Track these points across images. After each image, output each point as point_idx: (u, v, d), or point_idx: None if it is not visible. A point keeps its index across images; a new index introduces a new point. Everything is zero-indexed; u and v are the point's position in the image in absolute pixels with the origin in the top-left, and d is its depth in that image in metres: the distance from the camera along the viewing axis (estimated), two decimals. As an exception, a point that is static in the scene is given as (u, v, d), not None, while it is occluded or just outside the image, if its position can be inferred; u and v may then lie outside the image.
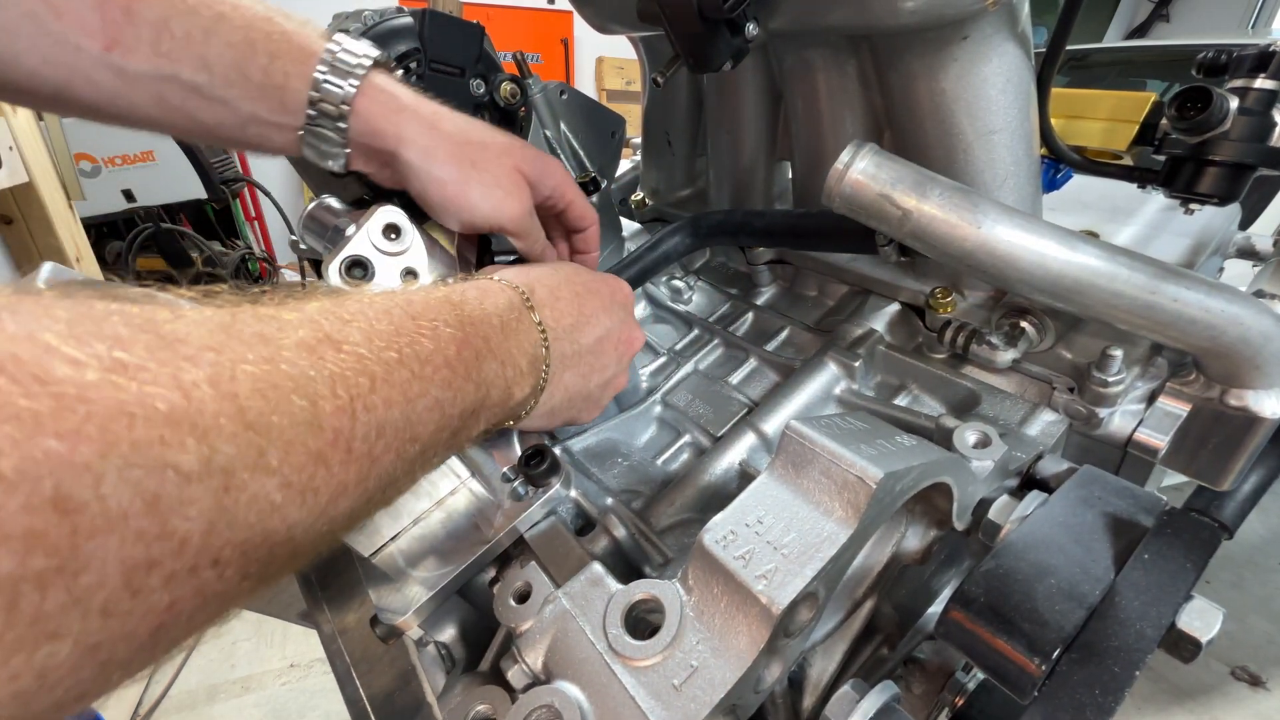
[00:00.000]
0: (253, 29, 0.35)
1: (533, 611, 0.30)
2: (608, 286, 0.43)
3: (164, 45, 0.33)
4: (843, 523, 0.24)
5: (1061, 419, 0.44)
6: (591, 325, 0.40)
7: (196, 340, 0.18)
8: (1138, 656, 0.25)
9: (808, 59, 0.50)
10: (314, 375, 0.21)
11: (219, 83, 0.35)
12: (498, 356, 0.31)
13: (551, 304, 0.37)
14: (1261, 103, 0.41)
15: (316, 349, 0.22)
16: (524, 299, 0.35)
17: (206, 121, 0.36)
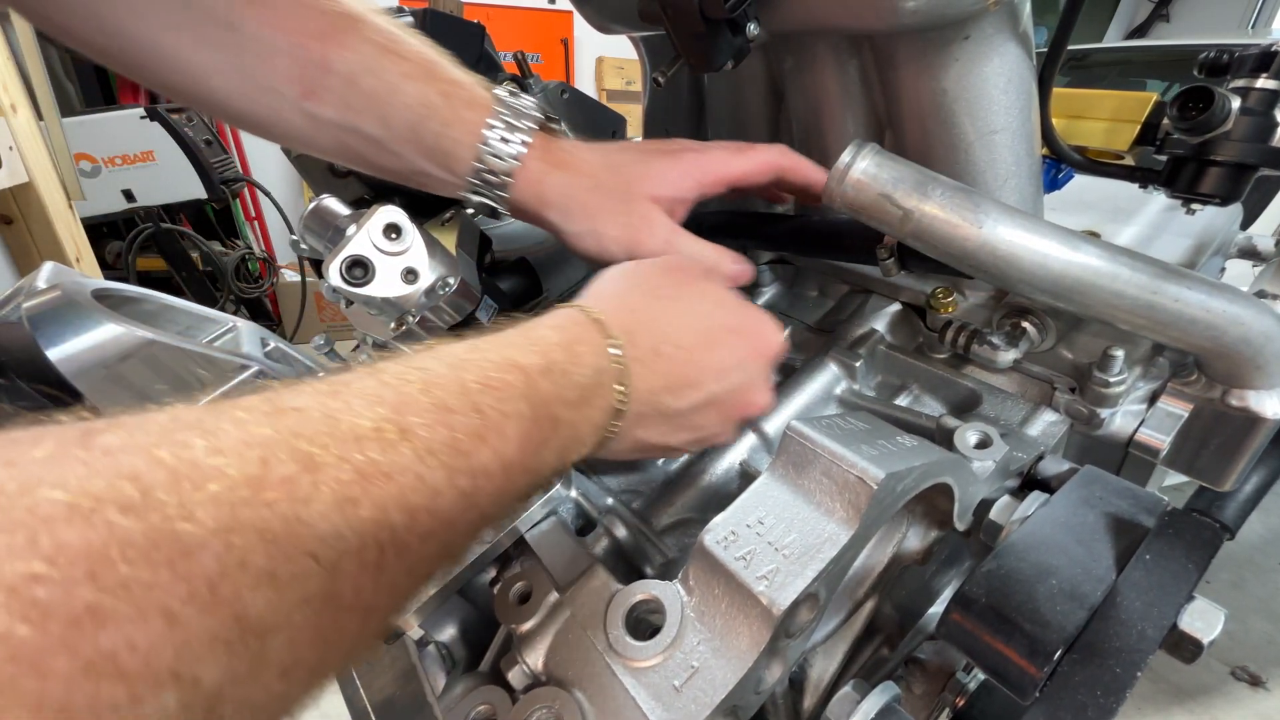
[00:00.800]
0: (430, 95, 0.38)
1: (533, 612, 0.30)
2: (750, 338, 0.36)
3: (351, 99, 0.37)
4: (844, 523, 0.24)
5: (1063, 419, 0.44)
6: (699, 388, 0.34)
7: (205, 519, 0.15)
8: (1139, 657, 0.25)
9: (809, 59, 0.50)
10: (346, 534, 0.17)
11: (395, 139, 0.38)
12: (562, 436, 0.27)
13: (651, 361, 0.32)
14: (1263, 103, 0.41)
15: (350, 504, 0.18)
16: (616, 363, 0.30)
17: (381, 165, 0.41)
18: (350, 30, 0.36)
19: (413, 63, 0.38)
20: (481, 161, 0.39)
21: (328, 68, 0.36)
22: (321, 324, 2.70)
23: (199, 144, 2.16)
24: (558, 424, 0.26)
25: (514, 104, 0.40)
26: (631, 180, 0.41)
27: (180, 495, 0.14)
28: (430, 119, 0.38)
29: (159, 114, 2.08)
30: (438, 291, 0.44)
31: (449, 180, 0.41)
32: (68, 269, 0.41)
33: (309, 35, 0.35)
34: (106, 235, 2.35)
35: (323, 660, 0.17)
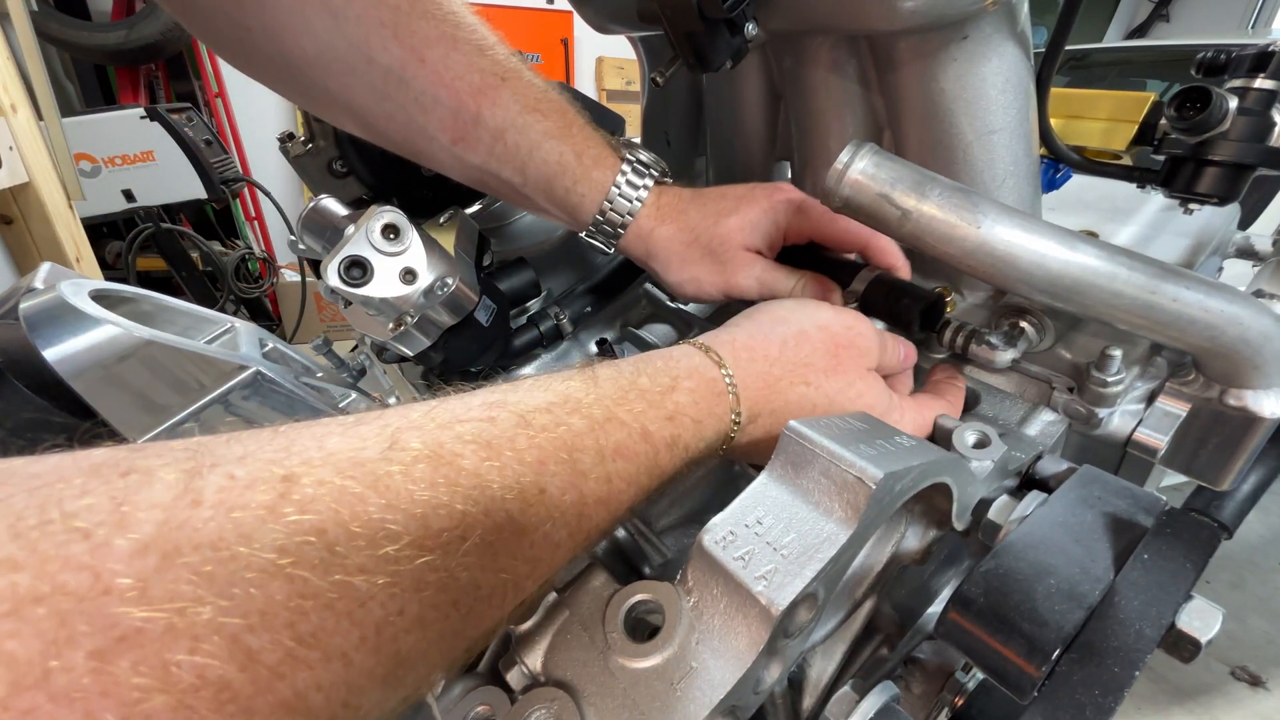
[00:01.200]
0: (565, 153, 0.42)
1: (531, 612, 0.30)
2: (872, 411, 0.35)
3: (495, 150, 0.42)
4: (842, 523, 0.24)
5: (1061, 419, 0.44)
6: None
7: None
8: (1137, 657, 0.25)
9: (807, 59, 0.50)
10: (483, 584, 0.19)
11: (529, 187, 0.44)
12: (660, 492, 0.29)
13: (762, 434, 0.33)
14: (1261, 102, 0.41)
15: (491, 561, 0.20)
16: (732, 433, 0.32)
17: (511, 200, 0.47)
18: (501, 88, 0.40)
19: (552, 121, 0.42)
20: (602, 215, 0.44)
21: (478, 121, 0.41)
22: (321, 324, 2.70)
23: (199, 144, 2.16)
24: (660, 487, 0.29)
25: (636, 164, 0.45)
26: (728, 232, 0.43)
27: (357, 553, 0.16)
28: (562, 175, 0.43)
29: (159, 114, 2.08)
30: (436, 292, 0.44)
31: (571, 225, 0.46)
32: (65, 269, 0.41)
33: (465, 91, 0.40)
34: (106, 235, 2.35)
35: (438, 676, 0.20)
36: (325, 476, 0.17)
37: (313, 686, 0.14)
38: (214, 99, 2.89)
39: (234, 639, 0.13)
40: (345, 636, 0.15)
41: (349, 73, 0.39)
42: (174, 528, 0.14)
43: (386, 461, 0.18)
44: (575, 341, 0.64)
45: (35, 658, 0.11)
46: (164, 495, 0.14)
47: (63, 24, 2.34)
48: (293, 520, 0.15)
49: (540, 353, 0.62)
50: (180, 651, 0.13)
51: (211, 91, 2.88)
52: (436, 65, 0.39)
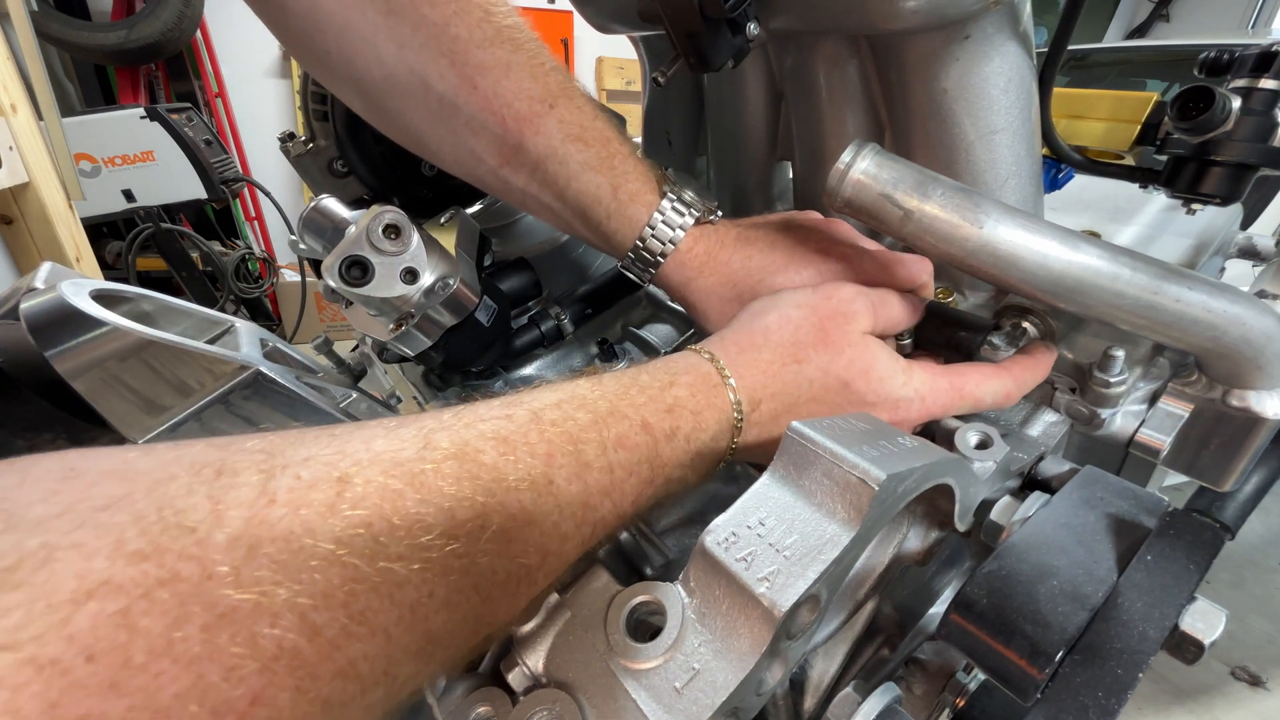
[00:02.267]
0: (603, 187, 0.43)
1: (533, 613, 0.30)
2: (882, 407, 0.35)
3: (537, 176, 0.43)
4: (845, 525, 0.24)
5: (1063, 419, 0.44)
6: None
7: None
8: (1141, 658, 0.25)
9: (809, 58, 0.50)
10: (500, 571, 0.22)
11: (568, 212, 0.45)
12: (667, 488, 0.30)
13: (767, 425, 0.34)
14: (1264, 103, 0.41)
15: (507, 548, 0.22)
16: (735, 426, 0.33)
17: (554, 224, 0.48)
18: (547, 116, 0.41)
19: (593, 151, 0.43)
20: (634, 253, 0.44)
21: (521, 147, 0.42)
22: (321, 324, 2.70)
23: (199, 144, 2.16)
24: (668, 482, 0.30)
25: (676, 204, 0.44)
26: (769, 286, 0.42)
27: (398, 543, 0.19)
28: (598, 207, 0.44)
29: (159, 114, 2.08)
30: (437, 292, 0.44)
31: (609, 251, 0.47)
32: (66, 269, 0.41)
33: (511, 118, 0.41)
34: (106, 235, 2.35)
35: (463, 656, 0.23)
36: (372, 476, 0.19)
37: (361, 656, 0.17)
38: (214, 99, 2.89)
39: (303, 616, 0.16)
40: (387, 614, 0.18)
41: (408, 96, 0.41)
42: (256, 524, 0.17)
43: (421, 460, 0.21)
44: (576, 342, 0.64)
45: (163, 630, 0.14)
46: (248, 495, 0.17)
47: (63, 24, 2.34)
48: (347, 515, 0.18)
49: (541, 353, 0.62)
50: (264, 625, 0.15)
51: (211, 91, 2.88)
52: (487, 92, 0.40)
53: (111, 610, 0.14)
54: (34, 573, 0.14)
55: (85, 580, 0.14)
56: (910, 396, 0.36)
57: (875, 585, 0.35)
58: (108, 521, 0.15)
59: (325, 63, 0.41)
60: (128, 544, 0.15)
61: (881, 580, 0.35)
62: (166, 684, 0.14)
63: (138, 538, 0.15)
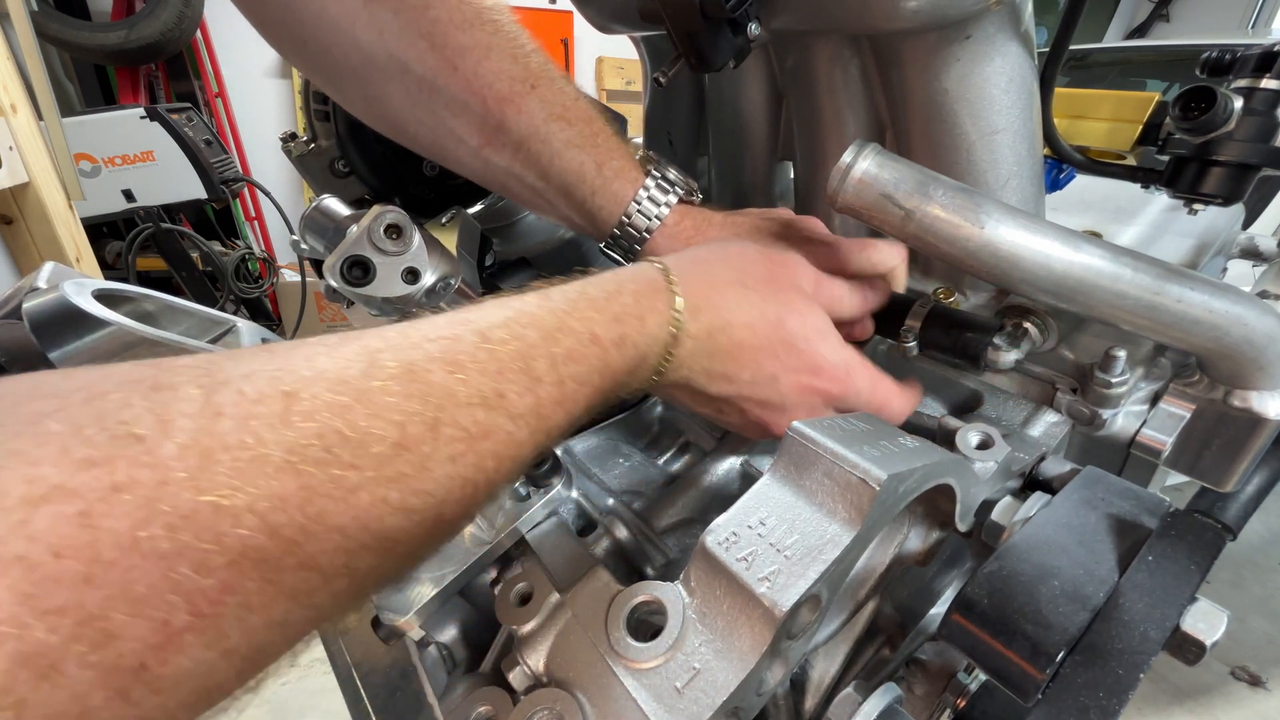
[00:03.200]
0: (586, 163, 0.43)
1: (534, 613, 0.30)
2: (811, 371, 0.36)
3: (519, 155, 0.43)
4: (846, 525, 0.24)
5: (1064, 420, 0.44)
6: (731, 383, 0.35)
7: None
8: (1142, 659, 0.25)
9: (810, 59, 0.50)
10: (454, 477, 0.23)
11: (551, 192, 0.44)
12: (615, 393, 0.31)
13: (703, 339, 0.34)
14: (1266, 103, 0.41)
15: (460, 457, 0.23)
16: (673, 327, 0.33)
17: (535, 206, 0.47)
18: (529, 95, 0.41)
19: (577, 130, 0.43)
20: (619, 229, 0.44)
21: (503, 127, 0.42)
22: (321, 324, 2.70)
23: (199, 144, 2.16)
24: (616, 387, 0.31)
25: (661, 181, 0.44)
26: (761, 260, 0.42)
27: (352, 453, 0.20)
28: (582, 184, 0.43)
29: (159, 114, 2.08)
30: (438, 292, 0.44)
31: (592, 232, 0.46)
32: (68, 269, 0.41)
33: (492, 98, 0.41)
34: (106, 235, 2.35)
35: (426, 551, 0.24)
36: (318, 392, 0.20)
37: (319, 552, 0.19)
38: (214, 99, 2.89)
39: (263, 516, 0.17)
40: (341, 516, 0.19)
41: (387, 81, 0.41)
42: (205, 434, 0.17)
43: (367, 379, 0.21)
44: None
45: (128, 529, 0.15)
46: (191, 408, 0.18)
47: (63, 24, 2.34)
48: (299, 426, 0.19)
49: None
50: (227, 525, 0.16)
51: (211, 91, 2.88)
52: (467, 73, 0.40)
53: (70, 512, 0.14)
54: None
55: (35, 485, 0.14)
56: (837, 362, 0.37)
57: (876, 585, 0.35)
58: (45, 431, 0.15)
59: (303, 52, 0.41)
60: (73, 451, 0.15)
61: (882, 580, 0.35)
62: (139, 577, 0.15)
63: (81, 446, 0.15)
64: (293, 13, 0.39)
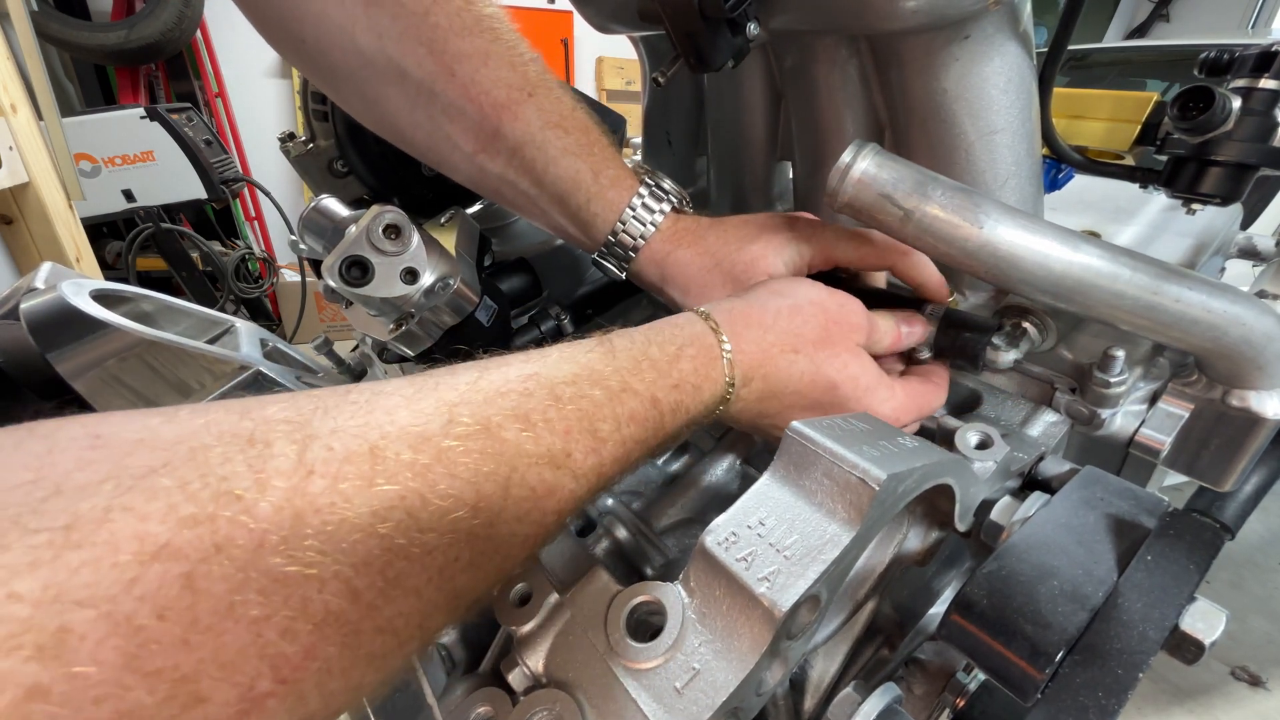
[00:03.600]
0: (582, 171, 0.43)
1: (533, 613, 0.30)
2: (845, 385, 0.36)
3: (515, 162, 0.43)
4: (845, 525, 0.24)
5: (1063, 420, 0.44)
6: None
7: None
8: (1141, 658, 0.25)
9: (809, 59, 0.50)
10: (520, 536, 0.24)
11: (545, 199, 0.45)
12: (663, 450, 0.32)
13: (755, 402, 0.36)
14: (1265, 103, 0.41)
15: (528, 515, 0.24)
16: (726, 397, 0.34)
17: (529, 213, 0.48)
18: (526, 103, 0.42)
19: (573, 138, 0.43)
20: (614, 236, 0.44)
21: (499, 133, 0.42)
22: (321, 324, 2.69)
23: (199, 144, 2.16)
24: (664, 445, 0.32)
25: (655, 189, 0.45)
26: (752, 259, 0.43)
27: (430, 516, 0.20)
28: (576, 192, 0.44)
29: (159, 114, 2.08)
30: (437, 292, 0.44)
31: (584, 241, 0.46)
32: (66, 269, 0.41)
33: (489, 104, 0.41)
34: (106, 235, 2.35)
35: (488, 595, 0.26)
36: (401, 451, 0.20)
37: (397, 614, 0.19)
38: (214, 99, 2.89)
39: (346, 582, 0.18)
40: (418, 578, 0.20)
41: (385, 84, 0.41)
42: (297, 494, 0.17)
43: (446, 436, 0.22)
44: (576, 342, 0.64)
45: (224, 594, 0.15)
46: (285, 465, 0.18)
47: (63, 24, 2.34)
48: (381, 489, 0.19)
49: (541, 353, 0.62)
50: (313, 591, 0.17)
51: (211, 91, 2.88)
52: (465, 79, 0.40)
53: (175, 573, 0.15)
54: (93, 533, 0.14)
55: (145, 543, 0.15)
56: (887, 414, 0.38)
57: (875, 585, 0.35)
58: (154, 486, 0.16)
59: (300, 51, 0.41)
60: (179, 509, 0.16)
61: (882, 580, 0.35)
62: (230, 641, 0.15)
63: (187, 503, 0.16)
64: (293, 13, 0.39)
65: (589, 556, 0.34)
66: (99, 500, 0.15)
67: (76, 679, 0.13)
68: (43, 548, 0.14)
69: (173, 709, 0.14)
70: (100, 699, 0.13)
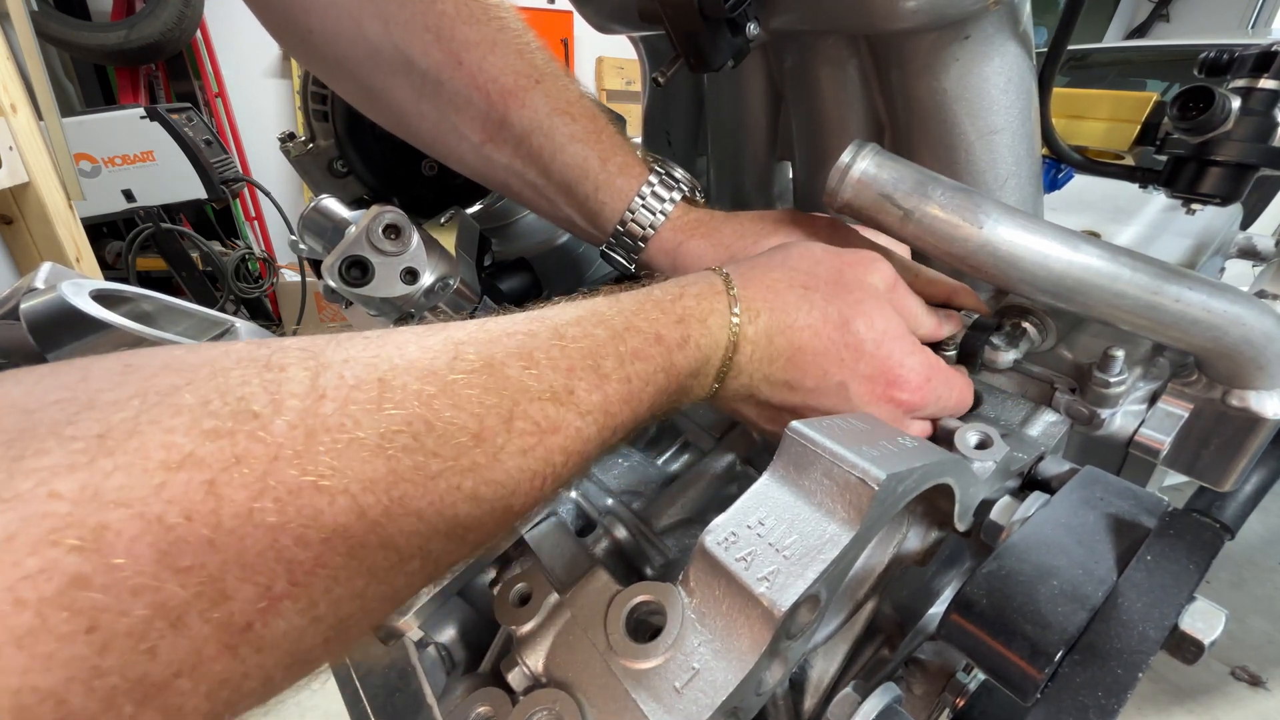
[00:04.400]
0: (590, 159, 0.42)
1: (533, 613, 0.30)
2: (877, 381, 0.34)
3: (522, 151, 0.42)
4: (845, 524, 0.24)
5: (1063, 419, 0.44)
6: (795, 392, 0.34)
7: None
8: (1140, 658, 0.25)
9: (809, 59, 0.50)
10: (524, 469, 0.24)
11: (552, 189, 0.44)
12: (678, 397, 0.32)
13: (764, 344, 0.33)
14: (1264, 103, 0.41)
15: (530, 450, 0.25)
16: (732, 335, 0.32)
17: (537, 207, 0.47)
18: (533, 90, 0.41)
19: (580, 125, 0.42)
20: (623, 225, 0.43)
21: (506, 122, 0.41)
22: (321, 324, 2.69)
23: (199, 144, 2.16)
24: (680, 390, 0.31)
25: (665, 177, 0.44)
26: (762, 247, 0.41)
27: (435, 442, 0.21)
28: (584, 180, 0.43)
29: (159, 114, 2.08)
30: (437, 292, 0.44)
31: (591, 233, 0.45)
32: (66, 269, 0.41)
33: (496, 92, 0.41)
34: (106, 235, 2.35)
35: (495, 539, 0.26)
36: (408, 381, 0.21)
37: (399, 533, 0.20)
38: (214, 99, 2.89)
39: (354, 497, 0.18)
40: (420, 500, 0.20)
41: (392, 74, 0.41)
42: (310, 415, 0.19)
43: (451, 370, 0.23)
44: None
45: (245, 500, 0.16)
46: (299, 388, 0.19)
47: (63, 24, 2.34)
48: (389, 414, 0.20)
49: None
50: (324, 504, 0.18)
51: (211, 91, 2.88)
52: (472, 68, 0.40)
53: (200, 480, 0.16)
54: (124, 442, 0.15)
55: (172, 452, 0.16)
56: (914, 367, 0.34)
57: (875, 585, 0.35)
58: (178, 403, 0.17)
59: (308, 41, 0.41)
60: (201, 423, 0.17)
61: (881, 580, 0.35)
62: (251, 545, 0.16)
63: (209, 418, 0.17)
64: (300, 3, 0.39)
65: (589, 556, 0.34)
66: (128, 413, 0.16)
67: (115, 570, 0.14)
68: (79, 453, 0.15)
69: (202, 604, 0.15)
70: (137, 590, 0.14)
